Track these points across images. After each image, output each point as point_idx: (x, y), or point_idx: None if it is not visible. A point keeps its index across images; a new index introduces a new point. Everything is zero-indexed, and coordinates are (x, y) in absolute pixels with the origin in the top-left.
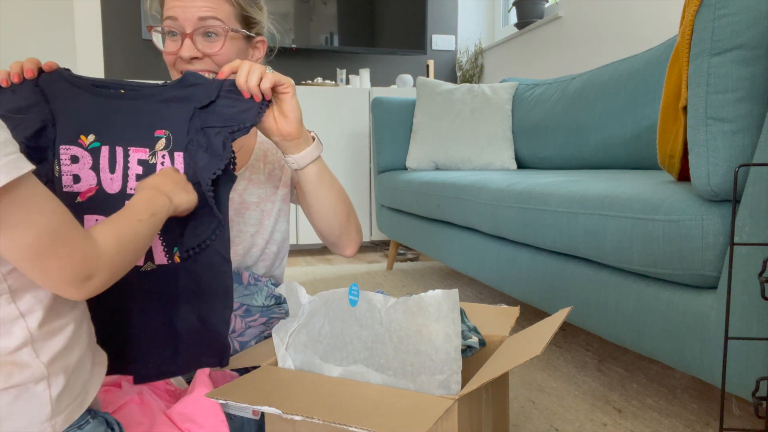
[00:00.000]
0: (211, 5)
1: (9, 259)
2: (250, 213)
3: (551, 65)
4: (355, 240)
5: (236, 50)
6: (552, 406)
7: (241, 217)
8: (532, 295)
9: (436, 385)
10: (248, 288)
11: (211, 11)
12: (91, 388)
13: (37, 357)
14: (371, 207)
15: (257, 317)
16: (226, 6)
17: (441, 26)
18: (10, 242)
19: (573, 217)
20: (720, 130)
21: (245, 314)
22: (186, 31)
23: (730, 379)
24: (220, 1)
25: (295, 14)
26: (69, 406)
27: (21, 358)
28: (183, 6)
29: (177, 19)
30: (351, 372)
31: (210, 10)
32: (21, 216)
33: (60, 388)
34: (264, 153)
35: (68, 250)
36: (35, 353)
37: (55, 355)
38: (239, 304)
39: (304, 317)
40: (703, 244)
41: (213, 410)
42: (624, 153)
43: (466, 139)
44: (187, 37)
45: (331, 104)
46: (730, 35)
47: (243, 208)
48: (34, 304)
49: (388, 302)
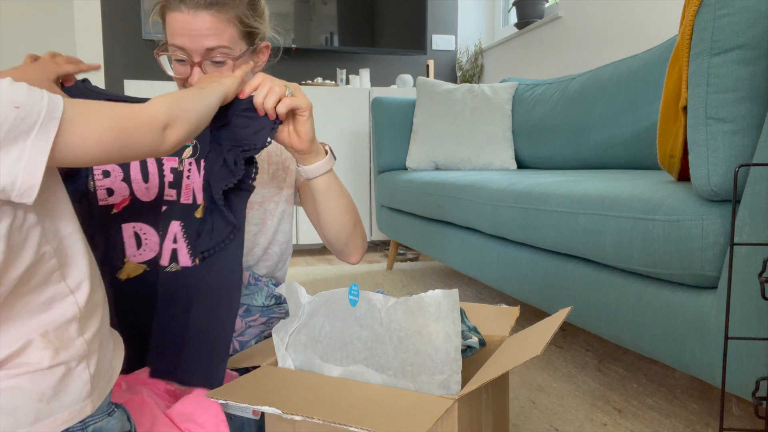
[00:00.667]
0: (217, 33)
1: (97, 153)
2: (253, 212)
3: (551, 65)
4: (360, 248)
5: (245, 61)
6: (552, 406)
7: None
8: (532, 295)
9: (436, 385)
10: (248, 288)
11: (217, 40)
12: (115, 368)
13: (82, 335)
14: (371, 207)
15: (257, 317)
16: (230, 29)
17: (441, 26)
18: (92, 135)
19: (573, 217)
20: (720, 130)
21: (245, 314)
22: (194, 60)
23: (730, 379)
24: (224, 26)
25: (295, 14)
26: (100, 384)
27: (69, 334)
28: (189, 36)
29: (184, 48)
30: (351, 372)
31: (216, 39)
32: (86, 114)
33: (95, 365)
34: (268, 153)
35: (135, 113)
36: (80, 330)
37: (93, 333)
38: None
39: (304, 317)
40: (703, 244)
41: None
42: (624, 153)
43: (466, 139)
44: (196, 66)
45: (331, 104)
46: (730, 35)
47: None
48: (81, 280)
49: (388, 302)
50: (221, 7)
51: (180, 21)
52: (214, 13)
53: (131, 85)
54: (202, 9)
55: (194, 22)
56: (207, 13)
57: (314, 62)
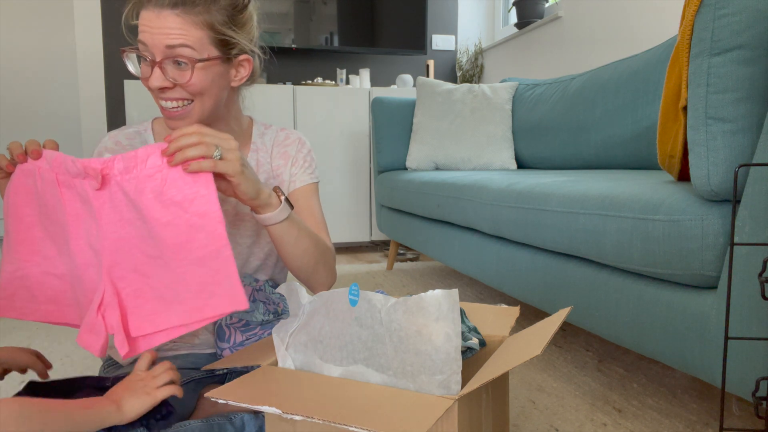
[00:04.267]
0: (181, 31)
1: None
2: (245, 224)
3: (551, 65)
4: (324, 284)
5: (212, 76)
6: (552, 406)
7: (236, 229)
8: (532, 295)
9: (436, 385)
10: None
11: (180, 38)
12: None
13: None
14: (371, 207)
15: (256, 330)
16: (198, 32)
17: (441, 26)
18: None
19: (573, 217)
20: (720, 130)
21: (245, 328)
22: (155, 58)
23: (730, 379)
24: (189, 27)
25: (295, 14)
26: None
27: None
28: (151, 31)
29: (146, 44)
30: (351, 372)
31: (179, 36)
32: None
33: None
34: (257, 163)
35: None
36: None
37: None
38: (237, 318)
39: (305, 317)
40: (702, 244)
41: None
42: (624, 153)
43: (466, 139)
44: (156, 66)
45: (331, 104)
46: (730, 35)
47: (237, 220)
48: None
49: (388, 302)
50: (189, 8)
51: (145, 18)
52: (180, 13)
53: (131, 85)
54: (167, 8)
55: (157, 20)
56: (172, 12)
57: (314, 62)
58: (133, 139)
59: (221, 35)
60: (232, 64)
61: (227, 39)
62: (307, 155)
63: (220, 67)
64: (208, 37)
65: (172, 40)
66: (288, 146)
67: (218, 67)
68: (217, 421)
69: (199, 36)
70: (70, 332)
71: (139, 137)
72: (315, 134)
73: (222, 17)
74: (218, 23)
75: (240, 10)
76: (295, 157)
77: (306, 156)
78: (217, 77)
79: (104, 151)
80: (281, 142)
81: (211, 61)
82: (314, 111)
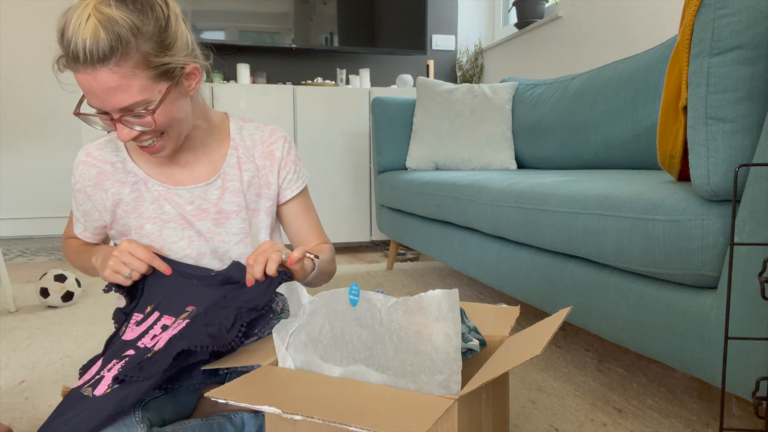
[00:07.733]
0: (123, 89)
1: None
2: (230, 222)
3: (551, 65)
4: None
5: (171, 106)
6: (552, 406)
7: (222, 227)
8: (532, 295)
9: (436, 384)
10: None
11: (126, 98)
12: None
13: None
14: (371, 207)
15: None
16: (138, 79)
17: (441, 26)
18: None
19: (573, 217)
20: (720, 130)
21: None
22: (113, 116)
23: (730, 379)
24: (128, 79)
25: (294, 14)
26: None
27: None
28: (96, 95)
29: (99, 106)
30: (351, 372)
31: (125, 97)
32: None
33: None
34: (238, 160)
35: None
36: None
37: None
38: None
39: (305, 317)
40: (702, 244)
41: None
42: (624, 153)
43: (466, 139)
44: (117, 122)
45: (331, 104)
46: (730, 35)
47: (222, 218)
48: None
49: (388, 302)
50: (121, 58)
51: (83, 82)
52: (113, 68)
53: None
54: (99, 66)
55: (95, 83)
56: (105, 69)
57: (314, 62)
58: (104, 148)
59: (160, 67)
60: (183, 81)
61: (167, 67)
62: (296, 157)
63: (174, 93)
64: (149, 77)
65: (119, 102)
66: (273, 145)
67: (172, 94)
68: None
69: (142, 83)
70: (70, 332)
71: (110, 146)
72: (315, 134)
73: (151, 46)
74: (152, 56)
75: (165, 29)
76: (284, 160)
77: (295, 159)
78: (177, 102)
79: (79, 165)
80: (266, 139)
81: (164, 96)
82: (314, 111)
